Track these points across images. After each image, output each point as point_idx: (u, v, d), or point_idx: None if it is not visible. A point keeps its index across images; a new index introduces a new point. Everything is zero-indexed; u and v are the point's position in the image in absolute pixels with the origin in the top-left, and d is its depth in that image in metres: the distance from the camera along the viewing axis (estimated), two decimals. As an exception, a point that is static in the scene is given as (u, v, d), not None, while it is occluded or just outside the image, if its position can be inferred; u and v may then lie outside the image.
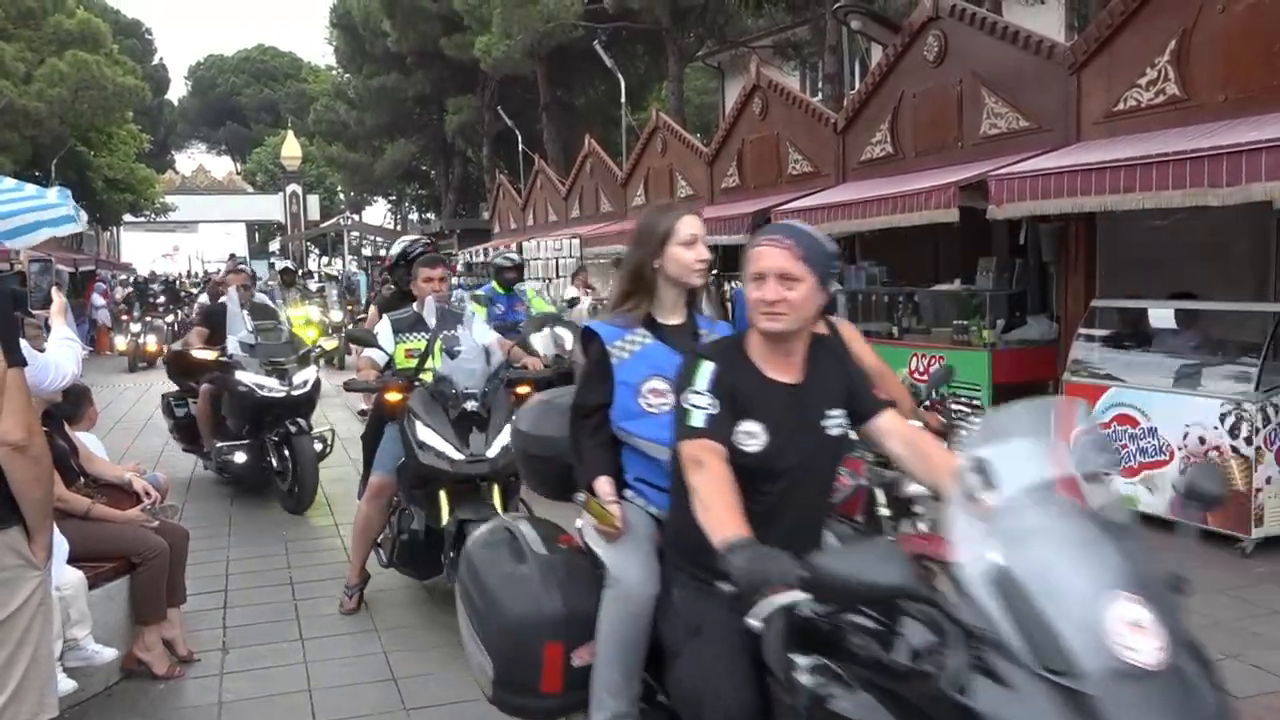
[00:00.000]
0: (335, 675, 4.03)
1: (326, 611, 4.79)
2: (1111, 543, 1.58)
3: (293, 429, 6.51)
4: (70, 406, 4.66)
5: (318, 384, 6.86)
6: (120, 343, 17.54)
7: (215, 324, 7.10)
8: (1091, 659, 1.45)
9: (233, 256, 24.98)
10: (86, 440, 4.69)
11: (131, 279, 26.66)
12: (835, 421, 2.21)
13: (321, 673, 4.06)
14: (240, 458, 6.75)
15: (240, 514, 6.77)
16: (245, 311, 6.85)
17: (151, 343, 16.78)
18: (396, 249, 6.26)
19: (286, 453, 6.52)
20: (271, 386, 6.48)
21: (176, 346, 8.05)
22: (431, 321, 4.60)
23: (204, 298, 16.93)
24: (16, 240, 5.05)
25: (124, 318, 18.25)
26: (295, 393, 6.56)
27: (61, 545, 3.47)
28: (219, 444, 6.83)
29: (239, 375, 6.47)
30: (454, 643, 4.27)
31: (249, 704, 3.82)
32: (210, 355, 6.87)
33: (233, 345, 6.61)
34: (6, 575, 1.81)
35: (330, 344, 7.71)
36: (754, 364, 2.15)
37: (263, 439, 6.67)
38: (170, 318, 18.44)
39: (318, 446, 6.65)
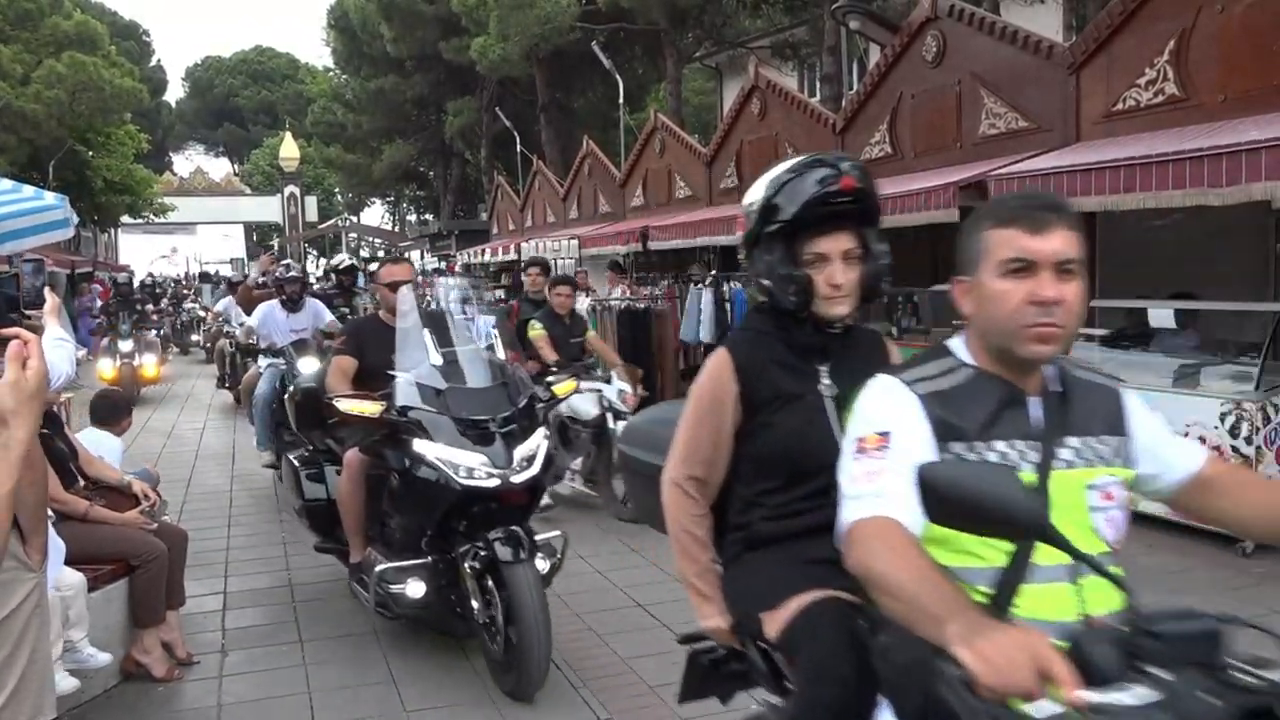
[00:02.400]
0: (335, 678, 4.02)
1: (326, 613, 4.78)
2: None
3: (502, 543, 3.70)
4: (107, 411, 4.90)
5: (549, 461, 4.00)
6: (107, 369, 12.05)
7: (368, 350, 4.40)
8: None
9: (269, 249, 23.58)
10: (110, 444, 4.73)
11: (112, 280, 19.38)
12: None
13: (321, 675, 4.05)
14: (416, 590, 3.85)
15: (240, 516, 6.76)
16: (425, 330, 4.11)
17: (150, 365, 12.77)
18: (809, 181, 2.05)
19: (491, 581, 3.76)
20: (479, 468, 3.74)
21: (306, 381, 5.13)
22: (1034, 413, 1.59)
23: (223, 304, 13.22)
24: (11, 244, 5.04)
25: (108, 333, 13.09)
26: (517, 479, 3.78)
27: (58, 546, 3.46)
28: (382, 564, 3.97)
29: (419, 447, 3.78)
30: (453, 646, 4.28)
31: (248, 706, 3.80)
32: (372, 409, 3.90)
33: (406, 391, 3.91)
34: (2, 578, 1.80)
35: (564, 387, 4.76)
36: None
37: (453, 556, 3.86)
38: (154, 332, 14.08)
39: (542, 566, 3.86)
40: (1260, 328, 5.76)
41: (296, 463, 4.94)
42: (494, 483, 3.75)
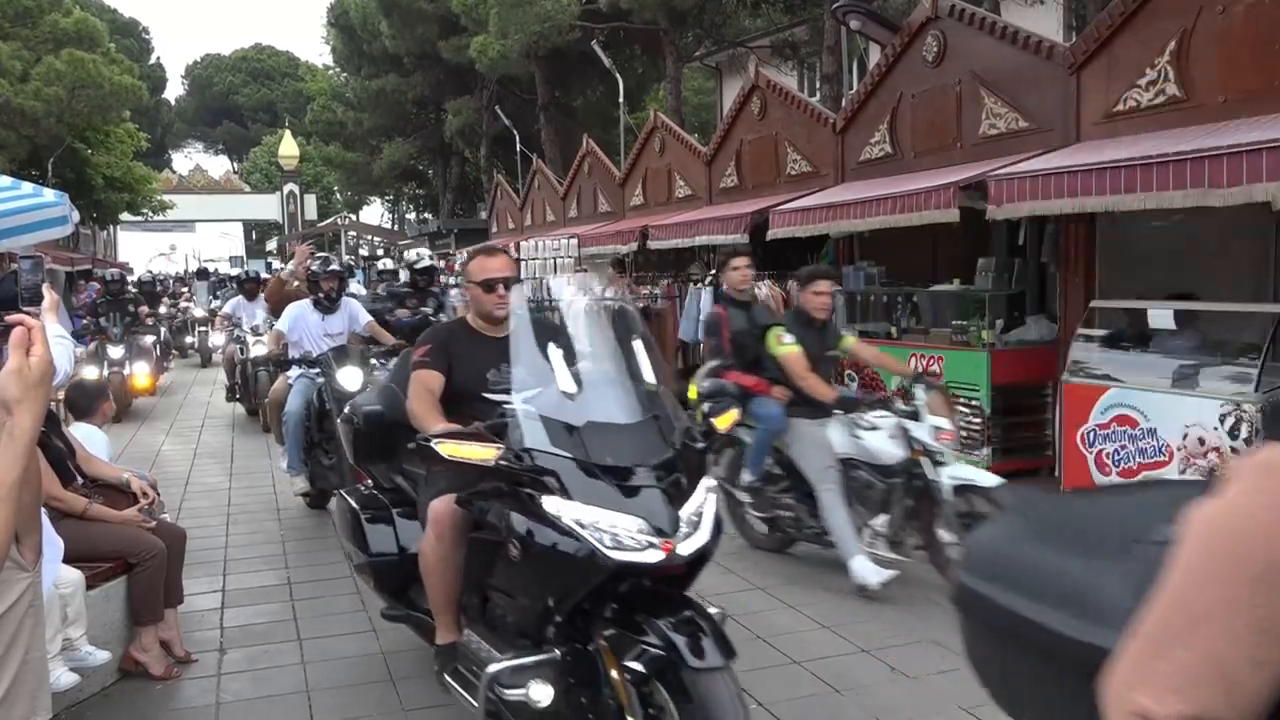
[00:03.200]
0: (333, 676, 4.01)
1: (324, 612, 4.77)
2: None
3: (675, 629, 2.63)
4: (85, 401, 4.86)
5: (719, 524, 2.91)
6: (91, 377, 9.42)
7: (457, 365, 3.46)
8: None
9: (308, 239, 22.58)
10: (92, 435, 4.72)
11: (102, 277, 16.61)
12: None
13: (319, 674, 4.04)
14: (541, 695, 2.80)
15: (238, 514, 6.75)
16: (549, 344, 3.01)
17: (142, 373, 11.26)
18: None
19: (660, 684, 2.66)
20: (634, 535, 2.71)
21: (369, 403, 4.04)
22: None
23: (232, 305, 11.72)
24: (10, 241, 5.03)
25: (95, 336, 11.25)
26: (685, 549, 2.74)
27: (56, 544, 3.45)
28: (497, 662, 2.90)
29: (552, 506, 2.76)
30: (452, 644, 4.26)
31: (246, 705, 3.80)
32: (485, 454, 2.86)
33: (529, 428, 2.87)
34: (-1, 576, 1.79)
35: (725, 418, 3.24)
36: None
37: (591, 648, 2.83)
38: (151, 336, 12.27)
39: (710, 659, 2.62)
40: (1260, 329, 5.75)
41: (355, 505, 3.87)
42: (655, 556, 2.69)
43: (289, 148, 42.58)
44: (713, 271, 10.48)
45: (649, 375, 3.03)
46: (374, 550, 3.73)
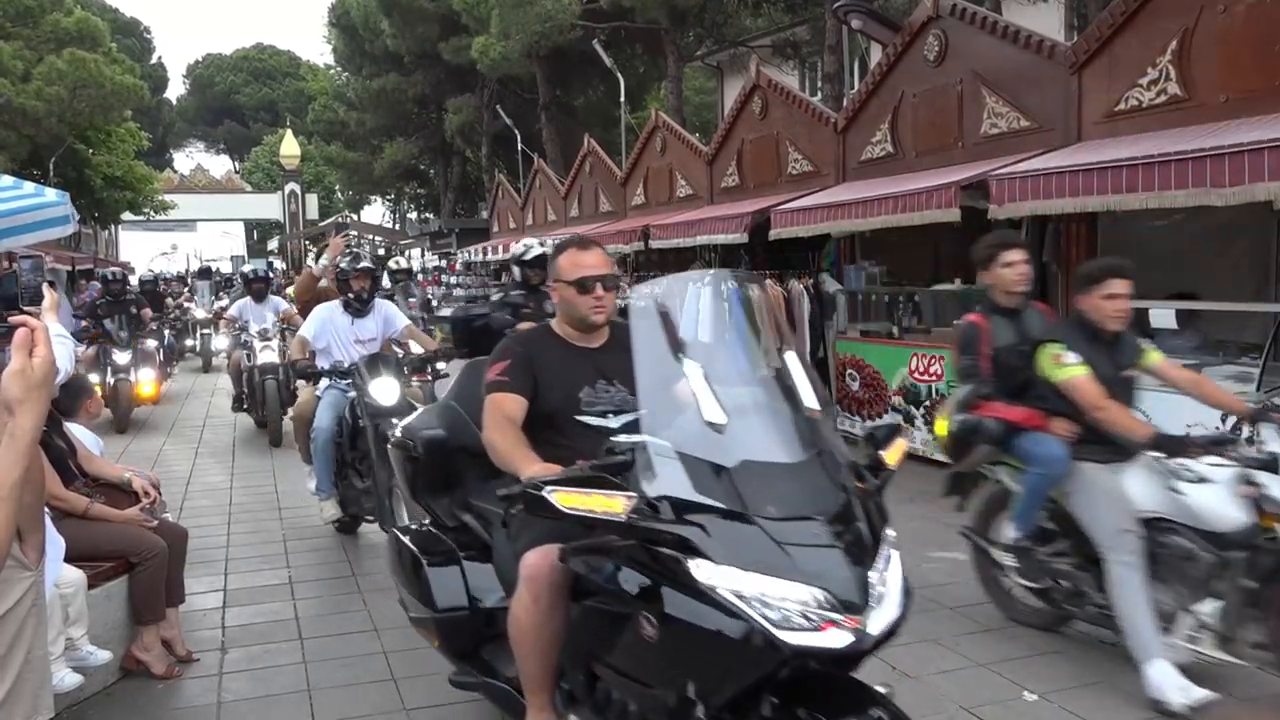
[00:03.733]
0: (335, 675, 4.02)
1: (325, 611, 4.77)
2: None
3: None
4: (67, 400, 4.72)
5: (908, 593, 2.24)
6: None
7: (543, 383, 2.89)
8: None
9: (343, 231, 21.46)
10: (82, 435, 4.70)
11: (102, 277, 14.07)
12: None
13: (321, 673, 4.05)
14: None
15: (239, 512, 6.75)
16: (685, 358, 2.34)
17: (147, 380, 10.54)
18: None
19: None
20: (807, 610, 2.06)
21: (427, 428, 3.40)
22: None
23: (238, 307, 10.11)
24: (11, 240, 5.05)
25: (96, 340, 10.34)
26: (875, 627, 2.11)
27: (57, 543, 3.45)
28: None
29: (701, 571, 2.11)
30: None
31: (248, 704, 3.80)
32: (613, 505, 2.16)
33: (666, 470, 2.21)
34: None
35: (895, 450, 2.50)
36: None
37: None
38: (154, 341, 11.48)
39: None
40: (1261, 328, 5.76)
41: (414, 548, 3.21)
42: (843, 639, 2.06)
43: (290, 147, 42.61)
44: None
45: (809, 399, 2.38)
46: (441, 605, 3.06)
